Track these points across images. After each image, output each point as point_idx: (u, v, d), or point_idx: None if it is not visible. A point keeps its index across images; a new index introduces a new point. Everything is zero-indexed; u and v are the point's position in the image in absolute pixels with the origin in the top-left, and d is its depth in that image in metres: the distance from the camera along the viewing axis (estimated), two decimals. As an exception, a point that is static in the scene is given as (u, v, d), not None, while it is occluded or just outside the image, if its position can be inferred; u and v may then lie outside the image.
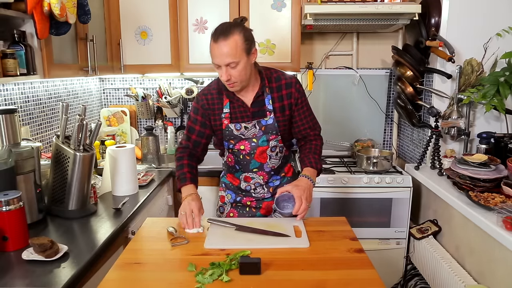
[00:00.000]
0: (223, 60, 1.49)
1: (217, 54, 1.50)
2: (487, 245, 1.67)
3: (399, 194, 2.35)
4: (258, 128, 1.67)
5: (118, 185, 1.91)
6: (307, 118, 1.72)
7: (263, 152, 1.70)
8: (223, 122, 1.67)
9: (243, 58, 1.51)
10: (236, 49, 1.48)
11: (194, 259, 1.23)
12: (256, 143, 1.68)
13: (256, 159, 1.71)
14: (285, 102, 1.67)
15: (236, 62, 1.50)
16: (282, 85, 1.66)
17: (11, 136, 1.50)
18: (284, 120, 1.68)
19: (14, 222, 1.31)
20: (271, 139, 1.69)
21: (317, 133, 1.76)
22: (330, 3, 2.33)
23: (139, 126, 3.01)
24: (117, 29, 2.49)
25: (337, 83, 2.89)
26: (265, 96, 1.66)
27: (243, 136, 1.68)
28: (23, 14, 1.52)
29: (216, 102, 1.68)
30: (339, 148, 2.93)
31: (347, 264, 1.21)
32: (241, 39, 1.49)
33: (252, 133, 1.67)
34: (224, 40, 1.47)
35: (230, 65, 1.50)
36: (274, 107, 1.66)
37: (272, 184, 1.79)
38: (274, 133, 1.68)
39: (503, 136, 2.12)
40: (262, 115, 1.67)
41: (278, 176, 1.80)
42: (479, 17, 2.20)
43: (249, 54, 1.53)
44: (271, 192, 1.79)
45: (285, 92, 1.66)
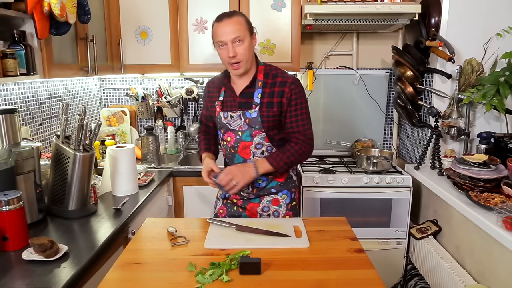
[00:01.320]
0: (229, 36, 1.55)
1: (221, 32, 1.57)
2: (487, 245, 1.67)
3: (399, 194, 2.35)
4: (242, 120, 1.68)
5: (118, 185, 1.91)
6: (298, 122, 1.68)
7: (246, 148, 1.71)
8: (216, 109, 1.73)
9: (247, 36, 1.59)
10: (240, 26, 1.57)
11: (194, 259, 1.23)
12: (240, 136, 1.70)
13: (240, 154, 1.72)
14: (274, 99, 1.65)
15: (242, 38, 1.57)
16: (277, 82, 1.67)
17: (11, 136, 1.50)
18: (269, 117, 1.66)
19: (14, 222, 1.31)
20: (255, 134, 1.68)
21: (302, 138, 1.68)
22: (330, 3, 2.33)
23: (139, 126, 3.01)
24: (117, 29, 2.49)
25: (337, 83, 2.89)
26: (255, 89, 1.67)
27: (229, 126, 1.71)
28: (23, 14, 1.52)
29: (215, 90, 1.77)
30: (339, 148, 2.94)
31: (347, 264, 1.21)
32: (244, 20, 1.60)
33: (238, 125, 1.69)
34: (228, 18, 1.57)
35: (236, 40, 1.56)
36: (262, 101, 1.66)
37: (258, 184, 1.75)
38: (258, 128, 1.67)
39: (503, 136, 2.12)
40: (247, 107, 1.68)
41: (264, 177, 1.74)
42: (479, 17, 2.20)
43: (251, 35, 1.61)
44: (254, 194, 1.76)
45: (277, 90, 1.66)
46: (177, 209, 2.48)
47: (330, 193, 2.36)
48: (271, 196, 1.77)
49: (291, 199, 1.79)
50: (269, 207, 1.77)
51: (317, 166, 2.60)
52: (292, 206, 1.79)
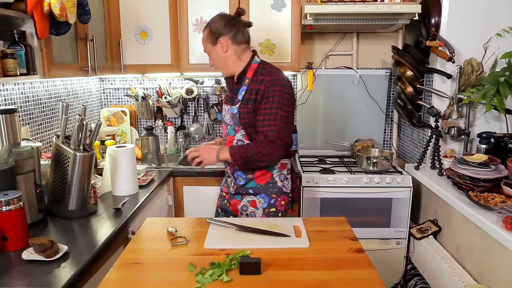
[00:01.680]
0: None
1: None
2: (487, 245, 1.67)
3: (399, 194, 2.35)
4: (229, 115, 1.79)
5: (118, 185, 1.91)
6: (264, 122, 1.65)
7: (230, 142, 1.82)
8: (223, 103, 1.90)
9: (210, 48, 1.77)
10: (204, 42, 1.79)
11: (194, 259, 1.23)
12: (228, 130, 1.82)
13: (226, 144, 1.84)
14: (252, 96, 1.70)
15: (208, 51, 1.79)
16: (258, 80, 1.70)
17: (11, 136, 1.50)
18: (244, 113, 1.71)
19: (14, 222, 1.31)
20: (237, 130, 1.78)
21: (262, 138, 1.66)
22: (330, 3, 2.33)
23: (139, 126, 3.01)
24: (117, 29, 2.49)
25: (337, 83, 2.89)
26: (242, 86, 1.75)
27: (224, 118, 1.85)
28: (23, 14, 1.52)
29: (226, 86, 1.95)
30: (339, 148, 2.94)
31: (347, 264, 1.21)
32: (207, 33, 1.76)
33: (228, 119, 1.81)
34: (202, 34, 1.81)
35: (206, 52, 1.81)
36: (243, 98, 1.72)
37: (238, 181, 1.82)
38: (237, 124, 1.75)
39: (503, 136, 2.12)
40: (232, 102, 1.79)
41: (244, 176, 1.79)
42: (479, 17, 2.20)
43: (214, 44, 1.75)
44: (235, 190, 1.83)
45: (256, 87, 1.69)
46: (177, 209, 2.48)
47: (330, 193, 2.36)
48: (250, 197, 1.82)
49: (269, 205, 1.79)
50: (247, 207, 1.82)
51: (317, 166, 2.60)
52: (269, 211, 1.79)
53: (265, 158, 1.66)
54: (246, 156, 1.68)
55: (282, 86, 1.66)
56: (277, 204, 1.80)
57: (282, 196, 1.81)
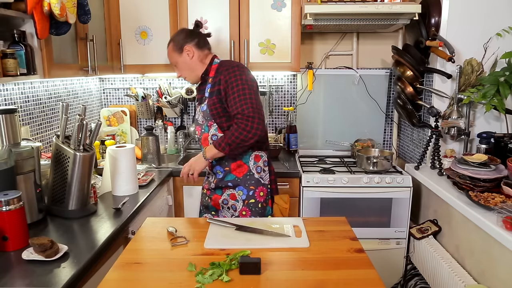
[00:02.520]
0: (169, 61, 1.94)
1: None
2: (487, 245, 1.67)
3: (399, 194, 2.35)
4: (201, 114, 1.89)
5: (118, 185, 1.91)
6: (236, 104, 1.72)
7: (205, 139, 1.89)
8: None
9: (177, 58, 1.87)
10: (170, 52, 1.89)
11: (194, 259, 1.23)
12: (202, 129, 1.90)
13: (202, 144, 1.91)
14: (215, 88, 1.81)
15: (174, 62, 1.90)
16: (219, 73, 1.82)
17: (11, 136, 1.50)
18: (211, 105, 1.81)
19: (14, 222, 1.31)
20: (210, 125, 1.86)
21: (240, 116, 1.71)
22: (330, 3, 2.33)
23: (139, 126, 3.01)
24: (117, 29, 2.49)
25: (337, 83, 2.89)
26: (206, 85, 1.87)
27: (198, 120, 1.93)
28: (23, 14, 1.52)
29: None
30: (339, 148, 2.94)
31: (347, 264, 1.21)
32: (172, 45, 1.88)
33: (201, 119, 1.90)
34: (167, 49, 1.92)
35: (172, 64, 1.92)
36: (210, 93, 1.82)
37: (218, 176, 1.90)
38: (209, 119, 1.85)
39: (503, 136, 2.12)
40: (201, 101, 1.89)
41: (222, 169, 1.89)
42: (479, 17, 2.20)
43: (180, 53, 1.86)
44: (215, 184, 1.91)
45: (217, 79, 1.82)
46: (177, 209, 2.48)
47: (330, 193, 2.36)
48: (230, 190, 1.89)
49: (248, 196, 1.87)
50: (228, 201, 1.89)
51: (317, 166, 2.60)
52: (249, 202, 1.87)
53: (250, 135, 1.71)
54: (232, 140, 1.73)
55: (240, 70, 1.78)
56: (256, 195, 1.88)
57: (260, 188, 1.89)
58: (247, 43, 2.51)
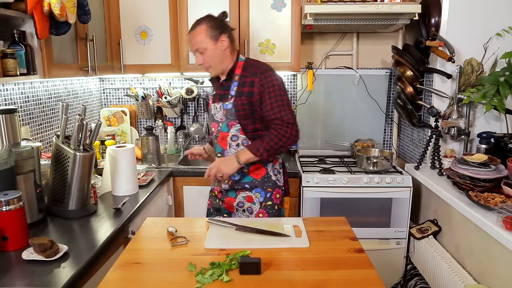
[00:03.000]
0: (192, 46, 1.77)
1: (189, 43, 1.80)
2: (487, 245, 1.67)
3: (399, 194, 2.35)
4: (222, 111, 1.80)
5: (118, 185, 1.91)
6: (274, 110, 1.72)
7: (223, 138, 1.83)
8: (210, 102, 1.90)
9: (209, 44, 1.73)
10: (202, 36, 1.73)
11: (194, 259, 1.23)
12: (221, 127, 1.83)
13: (219, 144, 1.85)
14: (245, 89, 1.75)
15: (204, 48, 1.74)
16: (249, 74, 1.77)
17: (11, 136, 1.50)
18: (238, 105, 1.75)
19: (14, 222, 1.31)
20: (231, 125, 1.79)
21: (279, 122, 1.71)
22: (330, 3, 2.33)
23: (139, 126, 3.01)
24: (117, 29, 2.49)
25: (337, 83, 2.89)
26: (232, 82, 1.79)
27: (214, 117, 1.84)
28: (23, 14, 1.52)
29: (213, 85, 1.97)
30: (339, 148, 2.94)
31: (347, 264, 1.21)
32: (207, 27, 1.74)
33: (220, 116, 1.82)
34: (193, 30, 1.76)
35: (198, 50, 1.75)
36: (236, 92, 1.77)
37: (233, 177, 1.82)
38: (232, 119, 1.78)
39: (503, 136, 2.12)
40: (225, 98, 1.80)
41: (240, 171, 1.81)
42: (479, 17, 2.20)
43: (216, 40, 1.74)
44: (230, 186, 1.85)
45: (249, 80, 1.76)
46: (177, 209, 2.48)
47: (330, 193, 2.36)
48: (246, 192, 1.84)
49: (266, 198, 1.84)
50: (243, 203, 1.85)
51: (317, 166, 2.60)
52: (266, 205, 1.84)
53: (289, 141, 1.73)
54: (271, 146, 1.71)
55: (276, 75, 1.77)
56: (273, 198, 1.85)
57: (277, 190, 1.87)
58: (247, 43, 2.51)
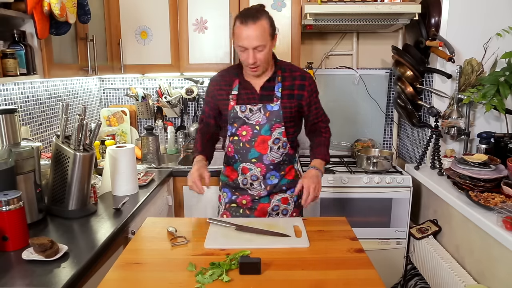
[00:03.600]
0: (251, 43, 1.53)
1: (244, 37, 1.53)
2: (487, 245, 1.67)
3: (399, 194, 2.35)
4: (262, 113, 1.67)
5: (118, 185, 1.91)
6: (319, 113, 1.79)
7: (264, 142, 1.69)
8: (230, 103, 1.69)
9: (268, 42, 1.56)
10: (264, 33, 1.53)
11: (194, 259, 1.23)
12: (259, 131, 1.68)
13: (256, 148, 1.69)
14: (295, 92, 1.69)
15: (263, 45, 1.54)
16: (297, 76, 1.71)
17: (11, 136, 1.50)
18: (288, 108, 1.68)
19: (14, 222, 1.31)
20: (275, 128, 1.68)
21: (327, 125, 1.83)
22: (330, 3, 2.33)
23: (139, 126, 3.01)
24: (117, 29, 2.49)
25: (337, 83, 2.89)
26: (276, 83, 1.69)
27: (247, 120, 1.68)
28: (23, 14, 1.52)
29: (223, 84, 1.73)
30: (339, 148, 2.94)
31: (347, 264, 1.21)
32: (267, 23, 1.55)
33: (256, 119, 1.67)
34: (253, 23, 1.51)
35: (257, 48, 1.54)
36: (283, 94, 1.68)
37: (270, 181, 1.74)
38: (278, 121, 1.67)
39: (503, 136, 2.12)
40: (269, 99, 1.68)
41: (278, 174, 1.75)
42: (479, 17, 2.20)
43: (273, 38, 1.60)
44: (267, 191, 1.75)
45: (298, 83, 1.70)
46: (177, 209, 2.48)
47: (330, 193, 2.36)
48: (281, 194, 1.77)
49: (298, 196, 1.80)
50: (279, 206, 1.77)
51: (317, 166, 2.60)
52: (298, 203, 1.82)
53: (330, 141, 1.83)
54: (329, 151, 1.78)
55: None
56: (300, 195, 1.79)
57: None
58: (247, 43, 2.50)
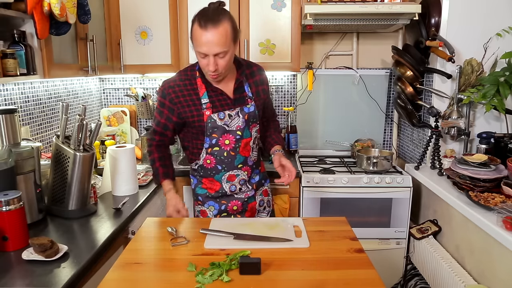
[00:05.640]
0: (212, 49, 1.41)
1: (204, 42, 1.40)
2: (487, 245, 1.67)
3: (399, 194, 2.35)
4: (241, 117, 1.62)
5: (118, 185, 1.91)
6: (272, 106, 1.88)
7: (247, 145, 1.67)
8: (205, 113, 1.57)
9: (231, 47, 1.46)
10: (226, 38, 1.41)
11: (194, 259, 1.23)
12: (241, 135, 1.64)
13: (241, 153, 1.66)
14: (259, 88, 1.71)
15: (225, 51, 1.43)
16: (255, 71, 1.71)
17: (11, 136, 1.50)
18: (260, 105, 1.72)
19: (14, 222, 1.31)
20: (252, 128, 1.69)
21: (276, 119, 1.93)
22: (330, 3, 2.33)
23: (139, 126, 3.01)
24: (117, 29, 2.49)
25: (337, 83, 2.89)
26: (244, 83, 1.66)
27: (227, 127, 1.60)
28: (23, 14, 1.52)
29: (187, 93, 1.59)
30: (339, 148, 2.94)
31: (347, 264, 1.21)
32: (230, 27, 1.43)
33: (236, 124, 1.61)
34: (214, 27, 1.39)
35: (219, 55, 1.43)
36: (252, 93, 1.68)
37: (254, 180, 1.79)
38: (255, 121, 1.69)
39: (503, 136, 2.12)
40: (243, 102, 1.63)
41: (258, 170, 1.81)
42: (479, 17, 2.20)
43: (235, 43, 1.49)
44: (254, 189, 1.79)
45: (258, 78, 1.71)
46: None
47: (330, 193, 2.36)
48: (261, 188, 1.84)
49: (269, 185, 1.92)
50: (263, 200, 1.84)
51: (317, 166, 2.60)
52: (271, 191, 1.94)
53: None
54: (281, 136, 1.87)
55: None
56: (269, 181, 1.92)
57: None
58: (247, 43, 2.51)
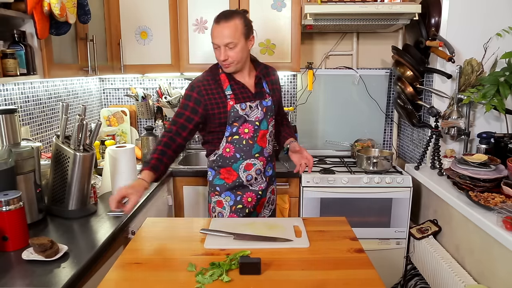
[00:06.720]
0: (222, 40, 1.62)
1: (217, 35, 1.63)
2: (487, 245, 1.67)
3: (399, 194, 2.35)
4: (260, 110, 1.76)
5: (118, 185, 1.91)
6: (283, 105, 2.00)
7: (263, 136, 1.79)
8: (228, 103, 1.71)
9: (241, 40, 1.64)
10: (236, 31, 1.61)
11: (194, 259, 1.23)
12: (259, 126, 1.76)
13: (258, 143, 1.77)
14: (274, 86, 1.85)
15: (234, 43, 1.62)
16: (270, 72, 1.87)
17: (11, 136, 1.50)
18: (276, 101, 1.84)
19: (14, 222, 1.31)
20: (270, 121, 1.80)
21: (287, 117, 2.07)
22: (330, 3, 2.33)
23: (139, 126, 3.01)
24: (117, 29, 2.49)
25: (337, 83, 2.89)
26: (263, 80, 1.81)
27: (247, 117, 1.73)
28: (23, 14, 1.52)
29: (213, 87, 1.72)
30: (339, 148, 2.94)
31: (347, 264, 1.21)
32: (241, 24, 1.63)
33: (255, 115, 1.74)
34: (225, 22, 1.61)
35: (228, 45, 1.62)
36: (269, 89, 1.82)
37: (268, 173, 1.86)
38: (271, 115, 1.81)
39: (503, 136, 2.12)
40: (262, 96, 1.78)
41: (271, 165, 1.89)
42: (479, 17, 2.20)
43: (247, 39, 1.67)
44: (267, 182, 1.86)
45: (274, 78, 1.87)
46: (177, 209, 2.48)
47: (330, 193, 2.36)
48: (272, 186, 1.92)
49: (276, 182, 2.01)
50: (271, 196, 1.91)
51: (317, 166, 2.60)
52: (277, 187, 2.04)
53: None
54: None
55: None
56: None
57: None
58: (247, 43, 2.51)
